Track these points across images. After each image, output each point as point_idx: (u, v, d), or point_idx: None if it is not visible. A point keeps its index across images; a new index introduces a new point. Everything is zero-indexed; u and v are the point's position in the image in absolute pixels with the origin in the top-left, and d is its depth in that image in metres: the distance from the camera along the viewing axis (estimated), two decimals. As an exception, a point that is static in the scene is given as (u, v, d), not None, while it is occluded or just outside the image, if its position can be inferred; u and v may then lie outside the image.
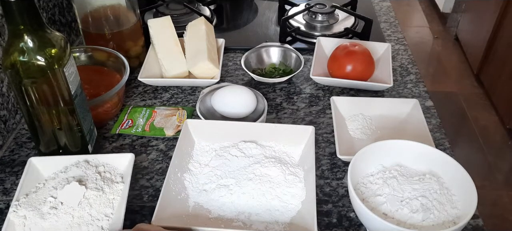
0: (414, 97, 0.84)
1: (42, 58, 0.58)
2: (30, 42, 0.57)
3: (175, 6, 1.11)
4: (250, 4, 1.22)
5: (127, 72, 0.81)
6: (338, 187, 0.69)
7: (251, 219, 0.62)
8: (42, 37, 0.58)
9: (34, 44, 0.58)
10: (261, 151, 0.69)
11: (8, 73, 0.60)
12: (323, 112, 0.83)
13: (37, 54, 0.58)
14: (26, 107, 0.62)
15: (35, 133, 0.66)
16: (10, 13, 0.55)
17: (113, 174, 0.66)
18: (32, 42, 0.57)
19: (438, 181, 0.62)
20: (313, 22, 1.08)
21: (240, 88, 0.78)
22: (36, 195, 0.63)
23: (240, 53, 1.00)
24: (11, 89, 0.78)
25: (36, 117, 0.64)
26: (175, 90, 0.89)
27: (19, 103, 0.63)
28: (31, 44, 0.57)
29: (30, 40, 0.57)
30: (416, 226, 0.57)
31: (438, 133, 0.78)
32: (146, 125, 0.79)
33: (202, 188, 0.66)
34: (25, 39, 0.57)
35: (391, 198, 0.59)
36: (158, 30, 0.92)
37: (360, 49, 0.86)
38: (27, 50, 0.58)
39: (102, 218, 0.61)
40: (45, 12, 0.92)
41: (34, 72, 0.59)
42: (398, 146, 0.65)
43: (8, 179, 0.71)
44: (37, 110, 0.63)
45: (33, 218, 0.59)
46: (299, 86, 0.90)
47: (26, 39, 0.57)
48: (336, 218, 0.64)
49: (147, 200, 0.67)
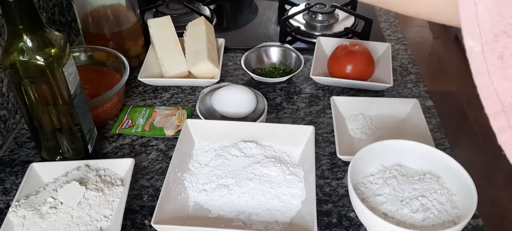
0: (414, 97, 0.84)
1: (41, 58, 0.58)
2: (29, 42, 0.57)
3: (175, 5, 1.11)
4: (250, 4, 1.22)
5: (127, 72, 0.80)
6: (338, 187, 0.69)
7: (251, 219, 0.61)
8: (41, 37, 0.58)
9: (33, 44, 0.58)
10: (261, 151, 0.69)
11: (7, 73, 0.59)
12: (323, 112, 0.83)
13: (36, 54, 0.58)
14: (26, 107, 0.62)
15: (36, 134, 0.66)
16: (9, 13, 0.55)
17: (113, 178, 0.66)
18: (31, 42, 0.57)
19: (438, 181, 0.62)
20: (313, 22, 1.08)
21: (240, 88, 0.78)
22: (36, 197, 0.63)
23: (240, 53, 1.00)
24: (11, 89, 0.78)
25: (35, 117, 0.64)
26: (175, 90, 0.89)
27: (18, 103, 0.63)
28: (30, 44, 0.57)
29: (29, 40, 0.57)
30: (416, 226, 0.57)
31: (438, 133, 0.78)
32: (146, 125, 0.79)
33: (202, 187, 0.66)
34: (24, 39, 0.57)
35: (391, 198, 0.59)
36: (158, 30, 0.91)
37: (360, 49, 0.86)
38: (27, 50, 0.58)
39: (101, 219, 0.61)
40: (45, 11, 0.92)
41: (34, 72, 0.59)
42: (398, 145, 0.65)
43: (8, 179, 0.71)
44: (37, 110, 0.63)
45: (32, 218, 0.59)
46: (299, 86, 0.90)
47: (25, 39, 0.57)
48: (336, 218, 0.64)
49: (147, 200, 0.67)
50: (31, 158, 0.74)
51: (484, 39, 0.21)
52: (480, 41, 0.21)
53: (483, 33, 0.21)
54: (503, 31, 0.20)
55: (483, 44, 0.21)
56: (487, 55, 0.21)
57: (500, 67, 0.21)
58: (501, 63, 0.21)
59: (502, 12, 0.20)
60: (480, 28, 0.21)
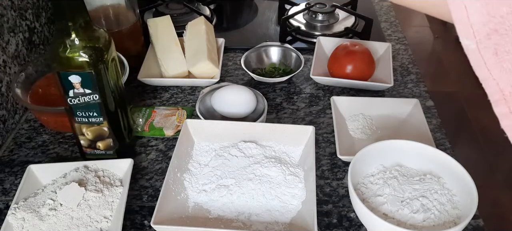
0: (414, 97, 0.84)
1: (86, 55, 0.60)
2: (76, 39, 0.59)
3: (175, 5, 1.11)
4: (250, 4, 1.21)
5: (126, 72, 0.80)
6: (338, 187, 0.68)
7: (251, 219, 0.61)
8: (88, 34, 0.61)
9: (81, 41, 0.60)
10: (261, 151, 0.69)
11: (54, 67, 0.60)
12: (323, 112, 0.83)
13: (83, 50, 0.60)
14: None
15: (117, 124, 0.69)
16: (59, 10, 0.57)
17: (112, 179, 0.66)
18: (78, 39, 0.60)
19: (439, 181, 0.62)
20: (313, 21, 1.08)
21: (240, 88, 0.78)
22: (35, 199, 0.63)
23: (240, 53, 1.00)
24: (10, 89, 0.78)
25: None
26: (174, 90, 0.89)
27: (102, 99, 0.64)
28: (77, 41, 0.60)
29: (76, 37, 0.59)
30: (417, 227, 0.56)
31: (438, 133, 0.78)
32: (146, 125, 0.79)
33: (201, 188, 0.65)
34: (72, 36, 0.59)
35: (392, 198, 0.59)
36: (157, 30, 0.91)
37: (360, 49, 0.86)
38: (74, 46, 0.59)
39: (101, 220, 0.61)
40: (45, 11, 0.92)
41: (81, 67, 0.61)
42: (399, 146, 0.64)
43: (7, 179, 0.71)
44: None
45: (32, 220, 0.59)
46: (299, 86, 0.90)
47: (74, 37, 0.59)
48: (336, 218, 0.64)
49: (147, 200, 0.67)
50: (30, 158, 0.74)
51: (478, 38, 0.22)
52: (475, 40, 0.23)
53: (476, 32, 0.22)
54: (494, 30, 0.22)
55: (478, 42, 0.22)
56: (483, 52, 0.23)
57: (496, 61, 0.22)
58: (496, 59, 0.22)
59: (491, 13, 0.22)
60: (473, 28, 0.22)
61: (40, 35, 0.91)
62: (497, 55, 0.22)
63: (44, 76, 0.80)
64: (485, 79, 0.24)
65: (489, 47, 0.22)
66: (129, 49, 0.92)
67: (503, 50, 0.22)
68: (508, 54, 0.22)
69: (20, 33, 0.83)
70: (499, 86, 0.23)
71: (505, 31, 0.22)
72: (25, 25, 0.84)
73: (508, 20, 0.21)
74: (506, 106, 0.24)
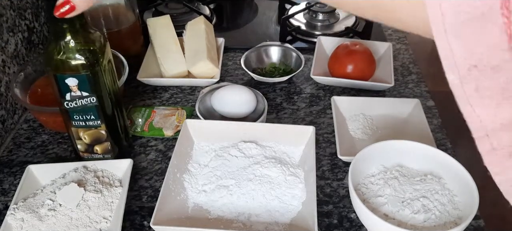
0: (415, 97, 0.84)
1: (83, 57, 0.59)
2: (72, 41, 0.59)
3: (175, 5, 1.10)
4: (250, 3, 1.21)
5: (126, 71, 0.80)
6: (338, 188, 0.68)
7: (251, 220, 0.61)
8: (84, 36, 0.60)
9: (76, 43, 0.59)
10: (261, 151, 0.69)
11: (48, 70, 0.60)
12: (324, 112, 0.83)
13: (79, 53, 0.59)
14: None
15: (115, 127, 0.68)
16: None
17: (112, 179, 0.66)
18: (74, 41, 0.59)
19: (440, 182, 0.61)
20: (313, 21, 1.07)
21: (240, 88, 0.78)
22: (34, 199, 0.62)
23: (240, 52, 0.99)
24: (9, 89, 0.78)
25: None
26: (174, 90, 0.89)
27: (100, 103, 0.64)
28: (73, 43, 0.59)
29: (72, 39, 0.58)
30: (417, 227, 0.56)
31: (439, 133, 0.78)
32: (145, 125, 0.79)
33: (201, 188, 0.65)
34: (68, 38, 0.58)
35: (392, 198, 0.59)
36: (157, 29, 0.91)
37: (361, 48, 0.86)
38: (69, 48, 0.59)
39: (100, 220, 0.60)
40: (44, 11, 0.91)
41: (76, 70, 0.60)
42: (399, 146, 0.64)
43: (6, 180, 0.70)
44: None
45: (31, 220, 0.59)
46: (299, 86, 0.90)
47: (69, 39, 0.58)
48: (336, 219, 0.64)
49: (146, 201, 0.67)
50: (29, 158, 0.74)
51: (461, 73, 0.22)
52: (458, 75, 0.23)
53: (459, 67, 0.22)
54: (473, 65, 0.22)
55: (461, 77, 0.23)
56: (465, 88, 0.23)
57: (478, 97, 0.23)
58: (478, 95, 0.22)
59: (472, 48, 0.22)
60: (456, 63, 0.23)
61: (39, 34, 0.90)
62: (478, 91, 0.22)
63: (43, 76, 0.80)
64: (469, 115, 0.24)
65: (470, 83, 0.22)
66: (128, 49, 0.91)
67: (482, 86, 0.22)
68: (488, 90, 0.22)
69: (19, 33, 0.82)
70: (482, 122, 0.23)
71: (484, 67, 0.22)
72: (24, 25, 0.84)
73: (487, 57, 0.21)
74: (488, 142, 0.24)
